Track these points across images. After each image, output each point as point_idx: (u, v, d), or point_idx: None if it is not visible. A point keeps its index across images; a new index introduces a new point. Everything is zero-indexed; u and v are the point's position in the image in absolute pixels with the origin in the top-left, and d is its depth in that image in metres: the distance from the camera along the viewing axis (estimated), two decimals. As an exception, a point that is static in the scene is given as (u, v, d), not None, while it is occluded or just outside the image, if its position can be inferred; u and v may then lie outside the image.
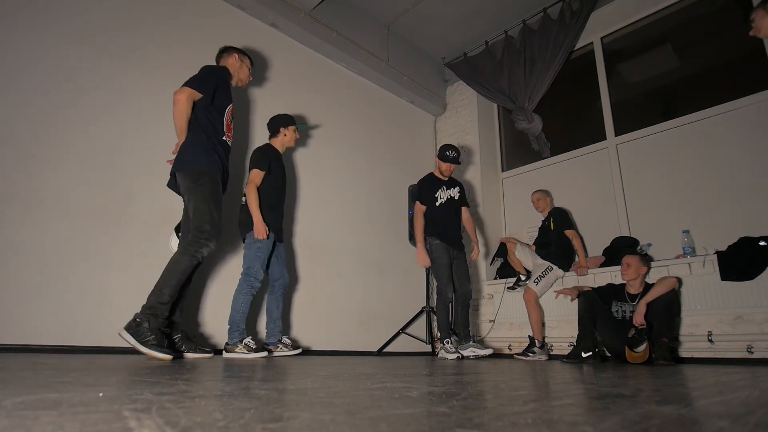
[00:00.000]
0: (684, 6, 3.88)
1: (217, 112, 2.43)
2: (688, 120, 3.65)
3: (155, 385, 0.91)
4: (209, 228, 2.20)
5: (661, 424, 0.62)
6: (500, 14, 4.52)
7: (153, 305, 2.06)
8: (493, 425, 0.56)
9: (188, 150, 2.31)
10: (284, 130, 3.13)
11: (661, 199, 3.67)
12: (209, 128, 2.37)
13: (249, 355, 2.66)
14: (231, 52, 2.70)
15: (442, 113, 5.21)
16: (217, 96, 2.44)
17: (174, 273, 2.12)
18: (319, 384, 1.05)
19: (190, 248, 2.17)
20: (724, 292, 2.95)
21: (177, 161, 2.33)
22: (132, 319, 2.02)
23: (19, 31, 2.51)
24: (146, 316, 2.02)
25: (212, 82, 2.41)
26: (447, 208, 3.53)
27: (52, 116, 2.53)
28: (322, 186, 3.89)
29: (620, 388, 1.12)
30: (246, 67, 2.74)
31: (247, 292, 2.75)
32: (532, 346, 3.45)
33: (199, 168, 2.28)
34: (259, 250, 2.80)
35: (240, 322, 2.73)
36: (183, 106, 2.28)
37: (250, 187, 2.86)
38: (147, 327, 1.99)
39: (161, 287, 2.10)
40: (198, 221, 2.21)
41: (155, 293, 2.09)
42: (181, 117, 2.29)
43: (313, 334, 3.53)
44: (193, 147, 2.31)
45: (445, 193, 3.56)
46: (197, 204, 2.24)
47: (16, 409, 0.55)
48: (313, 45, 4.03)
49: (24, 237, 2.33)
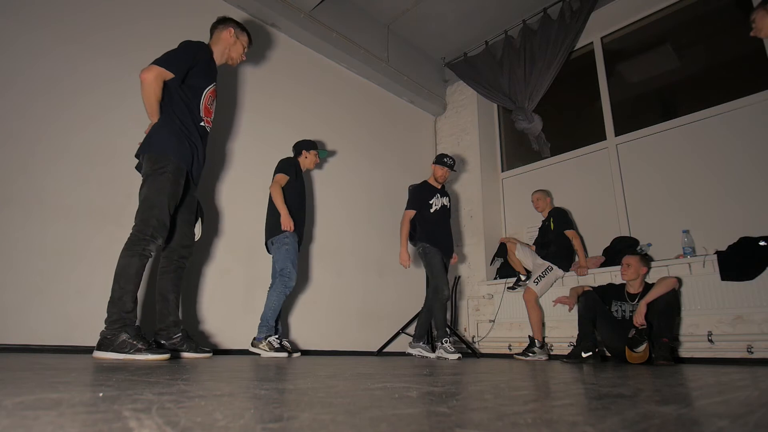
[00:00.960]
0: (684, 6, 3.88)
1: (192, 94, 2.24)
2: (688, 120, 3.65)
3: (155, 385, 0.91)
4: (156, 224, 2.03)
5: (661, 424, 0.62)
6: (500, 14, 4.52)
7: (120, 317, 1.90)
8: (493, 425, 0.56)
9: (156, 133, 2.13)
10: (306, 153, 3.28)
11: (661, 199, 3.67)
12: (184, 112, 2.19)
13: (269, 353, 2.73)
14: (227, 25, 2.46)
15: (442, 113, 5.21)
16: (193, 75, 2.23)
17: (129, 278, 1.96)
18: (319, 384, 1.05)
19: (136, 248, 1.99)
20: (724, 292, 2.95)
21: (144, 142, 2.16)
22: (102, 338, 1.88)
23: (19, 31, 2.51)
24: (119, 330, 1.88)
25: (185, 60, 2.18)
26: (440, 215, 3.58)
27: (52, 116, 2.53)
28: (321, 186, 3.89)
29: (620, 388, 1.12)
30: (241, 44, 2.51)
31: (281, 291, 2.83)
32: (532, 346, 3.45)
33: (165, 154, 2.10)
34: (288, 251, 2.87)
35: (270, 319, 2.81)
36: (150, 86, 2.07)
37: (275, 186, 2.95)
38: (128, 337, 1.87)
39: (120, 296, 1.93)
40: (145, 213, 2.03)
41: (116, 305, 1.92)
42: (149, 98, 2.10)
43: (314, 334, 3.53)
44: (162, 131, 2.13)
45: (439, 200, 3.62)
46: (150, 193, 2.06)
47: (16, 409, 0.55)
48: (313, 45, 4.02)
49: (24, 237, 2.33)
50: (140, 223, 2.04)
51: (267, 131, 3.53)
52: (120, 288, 1.95)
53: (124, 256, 1.99)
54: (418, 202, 3.55)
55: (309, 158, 3.30)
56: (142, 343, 1.90)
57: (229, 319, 3.03)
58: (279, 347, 2.78)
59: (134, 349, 1.87)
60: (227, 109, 3.38)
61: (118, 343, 1.86)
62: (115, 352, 1.86)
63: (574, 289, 3.20)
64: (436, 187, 3.64)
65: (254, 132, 3.47)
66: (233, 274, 3.12)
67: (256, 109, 3.54)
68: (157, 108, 2.14)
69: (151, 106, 2.13)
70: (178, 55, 2.18)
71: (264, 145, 3.45)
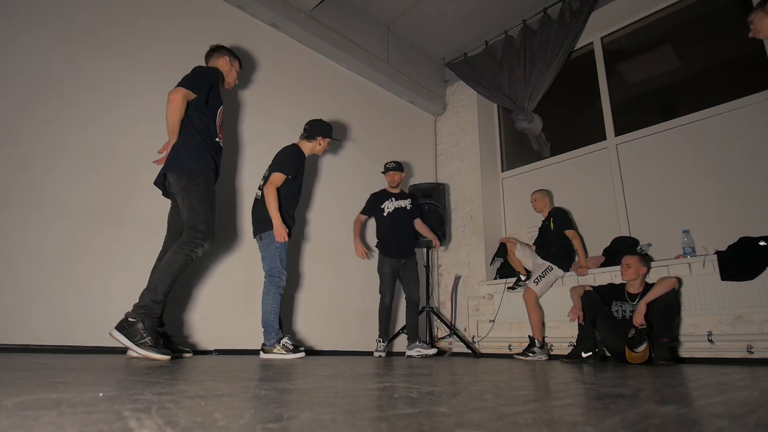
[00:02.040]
0: (684, 6, 3.88)
1: (210, 114, 2.42)
2: (688, 120, 3.65)
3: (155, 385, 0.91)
4: (204, 228, 2.20)
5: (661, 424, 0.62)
6: (500, 14, 4.52)
7: (147, 304, 2.03)
8: (493, 425, 0.56)
9: (182, 151, 2.29)
10: (321, 140, 3.12)
11: (661, 199, 3.67)
12: (203, 129, 2.36)
13: (288, 355, 2.68)
14: (222, 54, 2.65)
15: (442, 113, 5.21)
16: (210, 97, 2.43)
17: (170, 272, 2.11)
18: (319, 384, 1.05)
19: (184, 248, 2.15)
20: (724, 292, 2.95)
21: (170, 162, 2.31)
22: (124, 319, 1.99)
23: (19, 31, 2.51)
24: (140, 316, 1.99)
25: (206, 83, 2.39)
26: (393, 218, 3.72)
27: (52, 116, 2.53)
28: (321, 186, 3.89)
29: (620, 388, 1.12)
30: (235, 70, 2.71)
31: (274, 292, 2.77)
32: (532, 346, 3.45)
33: (195, 168, 2.28)
34: (278, 249, 2.81)
35: (274, 323, 2.74)
36: (178, 105, 2.26)
37: (270, 189, 2.80)
38: (142, 327, 1.96)
39: (156, 286, 2.07)
40: (193, 221, 2.20)
41: (150, 292, 2.07)
42: (174, 117, 2.27)
43: (313, 334, 3.53)
44: (188, 148, 2.30)
45: (393, 203, 3.75)
46: (193, 204, 2.23)
47: (16, 409, 0.55)
48: (313, 45, 4.02)
49: (24, 237, 2.33)
50: (189, 229, 2.19)
51: (267, 131, 3.52)
52: (159, 278, 2.09)
53: (172, 253, 2.15)
54: (369, 207, 3.80)
55: (322, 145, 3.13)
56: (151, 338, 1.96)
57: (231, 319, 3.03)
58: (294, 348, 2.73)
59: (142, 340, 1.94)
60: (227, 109, 3.38)
61: (132, 329, 1.96)
62: (125, 336, 1.94)
63: (574, 289, 3.20)
64: (392, 192, 3.80)
65: (254, 132, 3.47)
66: (234, 274, 3.12)
67: (257, 109, 3.54)
68: (178, 126, 2.31)
69: (174, 125, 2.30)
70: (200, 78, 2.38)
71: (264, 145, 3.45)
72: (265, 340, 2.74)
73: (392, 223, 3.71)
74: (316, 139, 3.11)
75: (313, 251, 3.71)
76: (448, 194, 4.79)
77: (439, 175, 5.05)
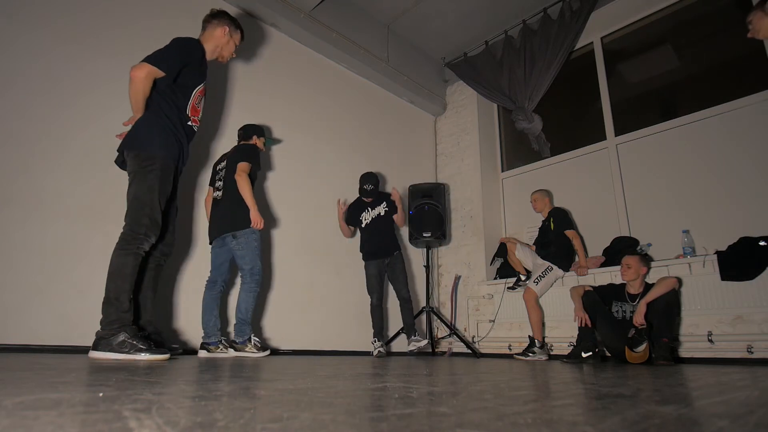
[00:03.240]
0: (684, 6, 3.88)
1: (181, 93, 2.20)
2: (688, 120, 3.65)
3: (155, 385, 0.91)
4: (148, 222, 2.01)
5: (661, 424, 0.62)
6: (500, 14, 4.52)
7: (118, 317, 1.90)
8: (493, 425, 0.56)
9: (143, 129, 2.08)
10: (256, 139, 3.04)
11: (661, 199, 3.67)
12: (172, 110, 2.14)
13: (259, 354, 2.69)
14: (222, 23, 2.38)
15: (442, 113, 5.21)
16: (184, 75, 2.19)
17: (125, 276, 1.95)
18: (319, 384, 1.05)
19: (129, 247, 1.98)
20: (724, 292, 2.95)
21: (129, 138, 2.10)
22: (98, 339, 1.87)
23: (19, 31, 2.51)
24: (117, 329, 1.87)
25: (178, 60, 2.14)
26: (370, 228, 3.76)
27: (52, 116, 2.53)
28: (322, 186, 3.89)
29: (620, 388, 1.12)
30: (233, 43, 2.44)
31: (254, 290, 2.75)
32: (532, 346, 3.45)
33: (152, 152, 2.05)
34: (257, 247, 2.77)
35: (250, 319, 2.75)
36: (140, 84, 2.03)
37: (242, 177, 2.69)
38: (127, 337, 1.87)
39: (117, 296, 1.92)
40: (136, 213, 2.01)
41: (113, 304, 1.91)
42: (137, 95, 2.05)
43: (313, 333, 3.53)
44: (149, 127, 2.09)
45: (369, 213, 3.78)
46: (140, 191, 2.02)
47: (16, 409, 0.55)
48: (313, 45, 4.02)
49: (24, 237, 2.33)
50: (132, 222, 2.01)
51: (267, 131, 3.52)
52: (116, 287, 1.93)
53: (119, 256, 1.97)
54: (351, 216, 3.82)
55: (258, 145, 3.04)
56: (142, 342, 1.89)
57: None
58: (263, 346, 2.76)
59: (134, 348, 1.86)
60: (227, 110, 3.39)
61: (117, 343, 1.86)
62: (113, 352, 1.85)
63: (574, 289, 3.19)
64: (367, 202, 3.80)
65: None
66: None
67: (257, 110, 3.53)
68: (143, 105, 2.09)
69: (138, 102, 2.08)
70: (171, 53, 2.12)
71: (264, 145, 3.45)
72: (238, 336, 2.71)
73: (370, 232, 3.75)
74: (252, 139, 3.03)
75: (312, 251, 3.70)
76: (448, 194, 4.79)
77: (439, 175, 5.05)
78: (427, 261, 4.17)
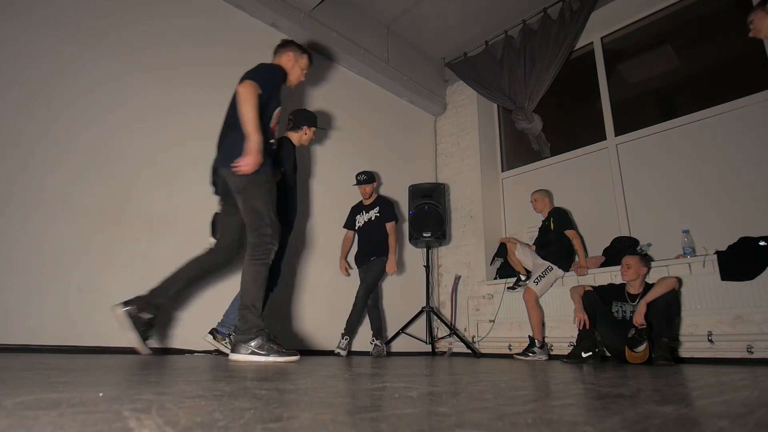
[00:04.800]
0: (684, 6, 3.88)
1: (266, 115, 2.28)
2: (688, 120, 3.65)
3: (155, 385, 0.91)
4: (271, 232, 2.14)
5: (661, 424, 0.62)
6: (500, 14, 4.52)
7: (255, 323, 2.05)
8: (493, 425, 0.56)
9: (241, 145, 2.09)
10: (306, 129, 3.05)
11: (661, 199, 3.67)
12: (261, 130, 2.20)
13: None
14: (286, 50, 2.50)
15: (442, 113, 5.21)
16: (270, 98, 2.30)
17: (260, 285, 2.11)
18: (319, 384, 1.05)
19: (261, 257, 2.13)
20: (724, 292, 2.95)
21: (227, 155, 2.15)
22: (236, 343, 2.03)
23: (19, 31, 2.51)
24: (255, 334, 2.02)
25: (275, 83, 2.29)
26: (362, 231, 3.79)
27: (52, 116, 2.53)
28: (321, 186, 3.89)
29: (620, 388, 1.12)
30: (299, 67, 2.52)
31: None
32: (532, 346, 3.45)
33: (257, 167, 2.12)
34: None
35: None
36: (251, 96, 2.09)
37: None
38: (265, 340, 2.03)
39: (254, 302, 2.07)
40: (258, 224, 2.14)
41: (251, 310, 2.06)
42: (251, 109, 2.08)
43: (313, 333, 3.53)
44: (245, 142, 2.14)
45: (363, 216, 3.81)
46: (256, 204, 2.14)
47: (16, 409, 0.55)
48: (313, 45, 4.02)
49: (24, 237, 2.33)
50: (257, 234, 2.14)
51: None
52: (252, 295, 2.09)
53: (253, 266, 2.12)
54: (349, 222, 3.87)
55: (308, 135, 3.06)
56: (276, 345, 2.04)
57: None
58: None
59: (272, 351, 2.02)
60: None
61: (256, 346, 2.02)
62: (253, 354, 2.01)
63: (574, 290, 3.19)
64: (364, 204, 3.83)
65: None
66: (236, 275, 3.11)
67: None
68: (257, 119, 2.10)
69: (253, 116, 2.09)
70: (270, 78, 2.28)
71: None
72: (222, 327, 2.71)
73: (362, 235, 3.79)
74: (302, 129, 3.04)
75: (312, 251, 3.70)
76: (448, 194, 4.79)
77: (439, 175, 5.05)
78: (427, 261, 4.17)
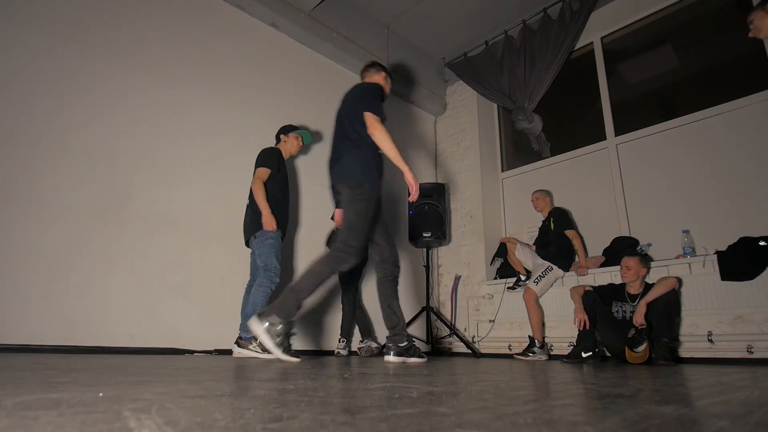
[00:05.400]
0: (684, 6, 3.88)
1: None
2: (688, 120, 3.64)
3: (155, 385, 0.91)
4: (356, 245, 2.23)
5: (661, 424, 0.62)
6: (500, 14, 4.52)
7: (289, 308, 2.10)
8: (493, 425, 0.56)
9: (354, 163, 2.34)
10: (284, 137, 3.20)
11: (661, 199, 3.67)
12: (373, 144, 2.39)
13: (262, 355, 2.66)
14: (379, 69, 2.72)
15: (442, 113, 5.21)
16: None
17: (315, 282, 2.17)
18: (319, 384, 1.05)
19: (332, 263, 2.20)
20: (724, 292, 2.95)
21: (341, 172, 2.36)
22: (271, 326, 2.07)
23: (19, 31, 2.51)
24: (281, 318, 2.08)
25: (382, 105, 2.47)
26: None
27: (52, 116, 2.53)
28: (321, 186, 3.88)
29: (620, 388, 1.12)
30: (388, 86, 2.73)
31: (267, 286, 2.78)
32: (532, 346, 3.45)
33: (361, 182, 2.32)
34: (272, 245, 2.83)
35: None
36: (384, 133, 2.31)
37: (256, 183, 2.88)
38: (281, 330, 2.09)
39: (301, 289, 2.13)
40: (347, 236, 2.24)
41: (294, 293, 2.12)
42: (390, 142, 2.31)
43: (313, 334, 3.53)
44: (360, 160, 2.35)
45: None
46: (352, 217, 2.28)
47: (16, 409, 0.55)
48: (313, 45, 4.02)
49: (24, 237, 2.33)
50: (343, 245, 2.23)
51: (267, 131, 3.52)
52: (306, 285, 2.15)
53: (323, 264, 2.20)
54: None
55: (289, 142, 3.20)
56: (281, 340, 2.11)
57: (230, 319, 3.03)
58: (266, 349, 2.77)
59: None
60: (227, 110, 3.38)
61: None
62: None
63: (574, 290, 3.19)
64: None
65: (255, 132, 3.46)
66: (235, 276, 3.12)
67: (257, 109, 3.53)
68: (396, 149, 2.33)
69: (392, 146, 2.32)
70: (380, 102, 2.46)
71: (264, 145, 3.44)
72: (244, 332, 2.72)
73: None
74: (281, 139, 3.22)
75: (312, 251, 3.70)
76: (448, 194, 4.79)
77: (439, 175, 5.05)
78: (426, 261, 4.17)
